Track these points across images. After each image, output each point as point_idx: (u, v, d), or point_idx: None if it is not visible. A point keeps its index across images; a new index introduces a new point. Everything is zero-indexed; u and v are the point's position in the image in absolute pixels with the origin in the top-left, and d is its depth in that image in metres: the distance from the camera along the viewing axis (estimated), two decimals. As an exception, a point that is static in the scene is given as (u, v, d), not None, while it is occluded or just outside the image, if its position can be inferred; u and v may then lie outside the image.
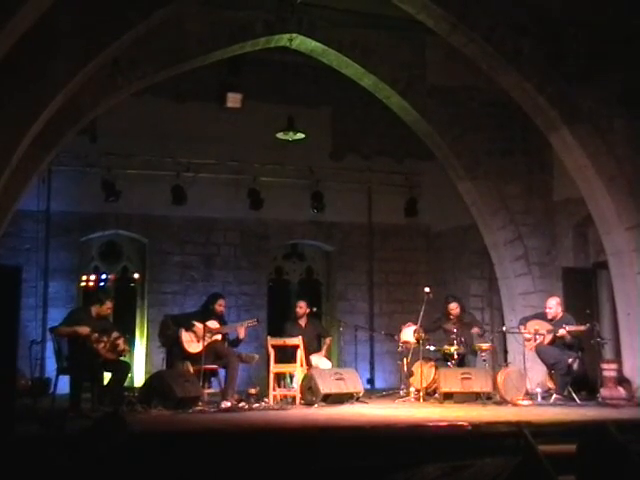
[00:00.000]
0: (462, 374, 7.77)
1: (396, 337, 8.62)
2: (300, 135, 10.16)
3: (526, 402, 7.37)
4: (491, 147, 9.29)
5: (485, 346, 8.06)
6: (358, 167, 11.06)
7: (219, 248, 10.67)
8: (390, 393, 8.70)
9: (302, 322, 8.65)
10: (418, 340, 8.15)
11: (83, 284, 10.38)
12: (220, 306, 8.06)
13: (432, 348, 8.29)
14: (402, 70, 8.97)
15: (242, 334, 7.90)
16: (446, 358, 8.20)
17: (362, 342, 9.97)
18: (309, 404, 7.41)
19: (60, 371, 7.14)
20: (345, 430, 5.59)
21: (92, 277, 10.51)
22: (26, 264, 9.07)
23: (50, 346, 7.81)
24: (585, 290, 8.72)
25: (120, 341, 7.23)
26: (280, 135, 10.15)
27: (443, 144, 9.25)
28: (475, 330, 8.35)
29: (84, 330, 6.98)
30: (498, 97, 8.62)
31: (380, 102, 9.33)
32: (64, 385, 7.11)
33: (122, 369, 7.22)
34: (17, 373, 6.16)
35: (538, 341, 7.77)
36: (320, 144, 10.82)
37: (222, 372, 7.84)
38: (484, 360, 8.08)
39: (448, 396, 7.67)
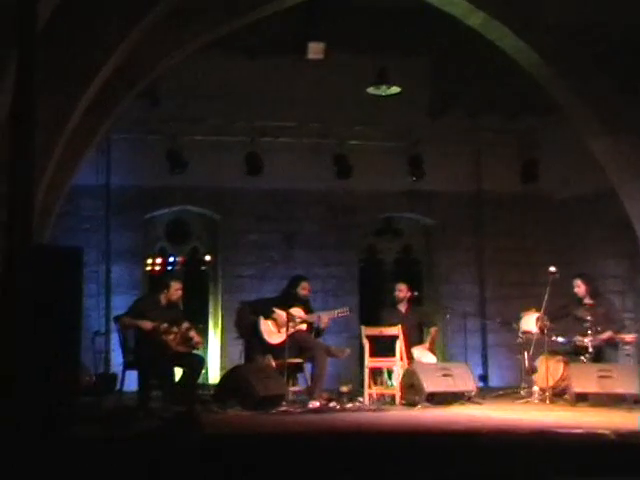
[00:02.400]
0: (600, 371, 7.52)
1: (515, 326, 8.47)
2: (395, 89, 9.96)
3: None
4: (634, 95, 8.77)
5: (629, 337, 7.76)
6: (463, 126, 10.84)
7: (301, 224, 10.69)
8: (508, 393, 8.62)
9: (402, 308, 8.63)
10: (542, 330, 7.95)
11: (149, 268, 10.63)
12: (304, 290, 8.09)
13: (560, 339, 8.05)
14: (516, 5, 8.61)
15: (324, 323, 7.88)
16: (578, 352, 7.95)
17: (472, 332, 9.81)
18: (411, 405, 7.42)
19: (127, 366, 7.32)
20: (454, 436, 5.52)
21: (158, 260, 10.75)
22: (85, 246, 9.20)
23: (115, 338, 8.02)
24: None
25: (192, 332, 7.33)
26: (371, 90, 9.99)
27: (570, 92, 8.81)
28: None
29: (147, 325, 7.12)
30: (637, 34, 8.12)
31: (489, 47, 8.99)
32: (132, 382, 7.28)
33: (195, 364, 7.34)
34: (80, 368, 6.37)
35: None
36: (417, 100, 10.63)
37: (309, 367, 7.84)
38: (627, 355, 7.87)
39: (582, 397, 7.47)
